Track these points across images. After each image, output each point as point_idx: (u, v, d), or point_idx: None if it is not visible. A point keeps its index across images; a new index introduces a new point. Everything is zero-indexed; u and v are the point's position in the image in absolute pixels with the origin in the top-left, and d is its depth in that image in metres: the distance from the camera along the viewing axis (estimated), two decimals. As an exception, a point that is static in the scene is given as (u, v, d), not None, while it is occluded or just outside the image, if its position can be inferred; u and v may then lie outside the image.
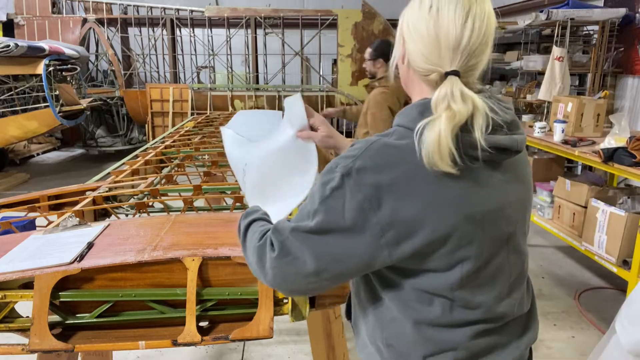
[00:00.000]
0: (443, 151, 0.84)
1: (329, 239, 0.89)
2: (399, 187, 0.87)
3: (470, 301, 0.95)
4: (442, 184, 0.88)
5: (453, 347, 0.96)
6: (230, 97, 7.75)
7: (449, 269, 0.92)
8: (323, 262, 0.90)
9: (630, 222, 2.91)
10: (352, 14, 7.50)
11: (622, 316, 2.04)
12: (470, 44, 0.90)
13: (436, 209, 0.88)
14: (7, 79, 5.82)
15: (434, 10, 0.91)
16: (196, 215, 1.64)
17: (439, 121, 0.85)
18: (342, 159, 0.91)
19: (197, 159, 2.83)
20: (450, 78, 0.90)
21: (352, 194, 0.87)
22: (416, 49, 0.93)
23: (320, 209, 0.89)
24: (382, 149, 0.89)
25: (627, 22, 4.86)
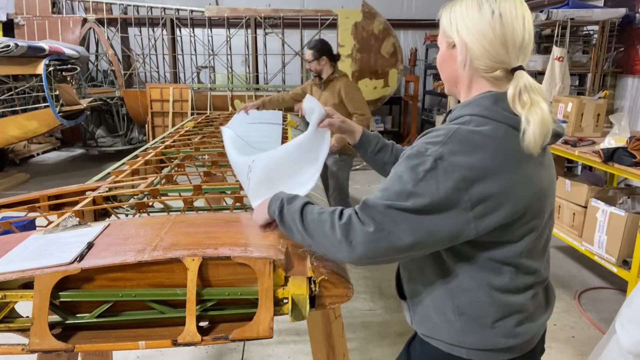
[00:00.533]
0: (548, 131, 1.00)
1: (425, 216, 0.98)
2: (487, 168, 0.99)
3: (530, 267, 1.11)
4: (521, 165, 1.03)
5: (518, 309, 1.11)
6: (230, 97, 7.75)
7: (520, 239, 1.07)
8: (418, 237, 0.99)
9: (630, 222, 2.91)
10: (352, 14, 7.50)
11: (622, 316, 2.04)
12: (528, 42, 1.07)
13: (517, 186, 1.01)
14: (7, 79, 5.82)
15: (497, 15, 1.04)
16: (196, 215, 1.64)
17: (538, 107, 1.00)
18: (429, 144, 1.02)
19: (197, 159, 2.83)
20: (520, 72, 1.05)
21: (446, 175, 0.98)
22: (482, 50, 1.05)
23: (415, 190, 0.99)
24: (468, 135, 1.01)
25: (627, 22, 4.87)
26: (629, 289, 2.89)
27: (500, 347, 1.12)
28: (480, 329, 1.11)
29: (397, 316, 3.26)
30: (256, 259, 1.21)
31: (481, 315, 1.11)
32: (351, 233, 1.01)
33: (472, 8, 1.06)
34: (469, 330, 1.11)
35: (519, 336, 1.12)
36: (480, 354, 1.12)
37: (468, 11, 1.07)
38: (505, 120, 1.03)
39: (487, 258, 1.08)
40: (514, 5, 1.05)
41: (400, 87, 9.43)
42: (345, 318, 1.98)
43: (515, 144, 1.02)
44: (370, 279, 3.85)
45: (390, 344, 2.91)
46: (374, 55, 7.59)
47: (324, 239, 1.06)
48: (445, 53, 1.14)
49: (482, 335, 1.11)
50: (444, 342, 1.15)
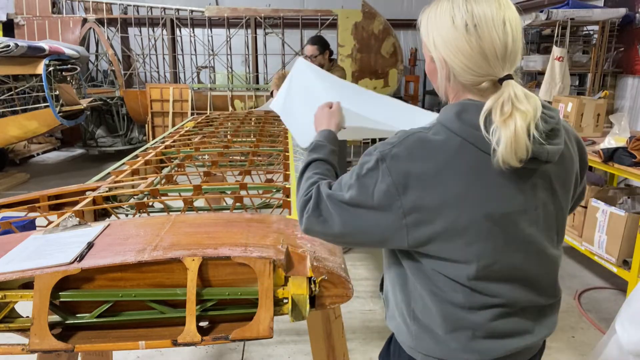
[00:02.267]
0: (520, 147, 0.90)
1: (356, 211, 1.00)
2: (427, 178, 0.96)
3: (488, 290, 1.03)
4: (469, 181, 0.96)
5: (472, 327, 1.05)
6: (230, 97, 7.75)
7: (466, 262, 1.00)
8: (347, 229, 1.02)
9: (630, 222, 2.91)
10: (352, 14, 7.50)
11: (622, 316, 2.04)
12: (514, 48, 0.98)
13: (459, 203, 0.96)
14: (7, 79, 5.82)
15: (471, 28, 0.96)
16: (196, 215, 1.64)
17: (513, 120, 0.91)
18: (382, 144, 1.02)
19: (197, 159, 2.83)
20: (507, 83, 0.96)
21: (383, 177, 0.98)
22: (462, 65, 0.99)
23: (354, 184, 1.01)
24: (418, 142, 0.99)
25: (627, 22, 4.86)
26: (629, 289, 2.89)
27: (453, 358, 1.07)
28: (432, 337, 1.07)
29: (397, 316, 3.26)
30: (256, 259, 1.21)
31: (432, 325, 1.07)
32: (302, 209, 1.08)
33: (446, 21, 0.99)
34: (422, 337, 1.09)
35: (477, 352, 1.05)
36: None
37: (442, 24, 1.00)
38: (461, 134, 0.97)
39: (435, 271, 1.03)
40: (491, 11, 0.96)
41: (400, 87, 9.43)
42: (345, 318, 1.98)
43: (468, 159, 0.96)
44: (370, 279, 3.85)
45: (390, 344, 2.91)
46: (374, 55, 7.59)
47: (297, 200, 1.13)
48: (430, 65, 1.09)
49: (434, 344, 1.07)
50: (404, 343, 1.14)
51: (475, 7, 0.97)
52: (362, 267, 4.06)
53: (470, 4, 0.98)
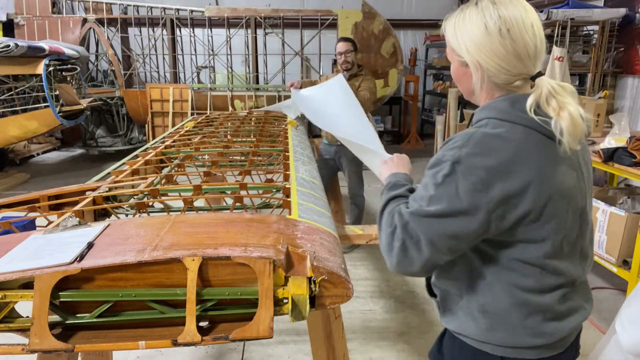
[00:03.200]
0: (579, 131, 1.03)
1: (446, 221, 1.02)
2: (505, 167, 1.01)
3: (557, 268, 1.11)
4: (540, 163, 1.04)
5: (544, 309, 1.12)
6: (230, 97, 7.75)
7: (543, 240, 1.07)
8: (439, 243, 1.03)
9: (630, 222, 2.91)
10: (352, 14, 7.50)
11: (622, 316, 2.04)
12: (541, 48, 1.09)
13: (536, 184, 1.03)
14: (7, 79, 5.82)
15: (504, 32, 1.05)
16: (196, 215, 1.64)
17: (565, 111, 1.03)
18: (446, 150, 1.06)
19: (197, 159, 2.83)
20: (541, 80, 1.07)
21: (464, 178, 1.01)
22: (497, 67, 1.08)
23: (436, 195, 1.02)
24: (485, 137, 1.04)
25: (627, 22, 4.87)
26: (629, 289, 2.89)
27: (526, 345, 1.14)
28: (504, 327, 1.13)
29: (397, 316, 3.26)
30: (256, 259, 1.21)
31: (505, 314, 1.13)
32: (391, 241, 1.06)
33: (478, 27, 1.07)
34: (493, 328, 1.14)
35: (545, 336, 1.13)
36: (506, 350, 1.15)
37: (475, 31, 1.08)
38: (521, 122, 1.06)
39: (512, 258, 1.09)
40: (520, 15, 1.06)
41: (400, 87, 9.44)
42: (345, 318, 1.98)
43: (532, 144, 1.04)
44: (370, 279, 3.85)
45: (390, 344, 2.91)
46: (374, 55, 7.59)
47: (380, 239, 1.12)
48: (459, 69, 1.17)
49: (506, 333, 1.13)
50: (472, 338, 1.18)
51: (505, 12, 1.06)
52: (362, 267, 4.06)
53: (500, 10, 1.07)
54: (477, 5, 1.11)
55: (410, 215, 1.04)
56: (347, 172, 4.32)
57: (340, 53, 4.10)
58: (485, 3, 1.10)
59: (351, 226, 2.14)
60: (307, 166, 2.47)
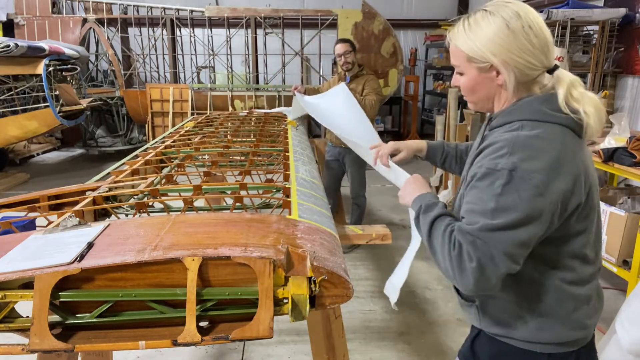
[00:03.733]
0: (603, 117, 1.08)
1: (516, 231, 1.01)
2: (556, 167, 1.03)
3: (591, 256, 1.16)
4: (577, 156, 1.08)
5: (585, 301, 1.17)
6: (230, 97, 7.75)
7: (585, 230, 1.12)
8: (514, 252, 1.02)
9: (630, 222, 2.91)
10: (352, 14, 7.50)
11: (622, 316, 2.04)
12: (552, 40, 1.12)
13: (580, 178, 1.07)
14: (7, 79, 5.82)
15: (527, 28, 1.08)
16: (196, 215, 1.64)
17: (591, 107, 1.07)
18: (495, 159, 1.05)
19: (197, 159, 2.83)
20: (561, 71, 1.11)
21: (524, 184, 1.01)
22: (526, 64, 1.09)
23: (499, 206, 1.01)
24: (528, 140, 1.05)
25: (627, 22, 4.86)
26: (629, 289, 2.88)
27: (571, 339, 1.17)
28: (553, 325, 1.16)
29: (397, 316, 3.26)
30: (256, 259, 1.21)
31: (554, 312, 1.15)
32: (459, 263, 1.04)
33: (500, 28, 1.08)
34: (542, 328, 1.16)
35: (587, 328, 1.19)
36: (553, 347, 1.17)
37: (497, 32, 1.09)
38: (554, 120, 1.08)
39: (558, 254, 1.12)
40: (533, 11, 1.10)
41: (400, 87, 9.43)
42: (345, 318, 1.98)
43: (568, 139, 1.08)
44: (370, 279, 3.85)
45: (390, 344, 2.91)
46: (374, 55, 7.59)
47: (442, 262, 1.09)
48: (479, 77, 1.15)
49: (556, 331, 1.16)
50: (519, 339, 1.19)
51: (517, 9, 1.09)
52: (362, 267, 4.06)
53: (512, 8, 1.09)
54: (487, 10, 1.12)
55: (478, 232, 1.02)
56: (349, 172, 4.35)
57: (340, 55, 4.12)
58: (495, 6, 1.11)
59: (351, 226, 2.14)
60: (307, 166, 2.47)
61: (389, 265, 4.02)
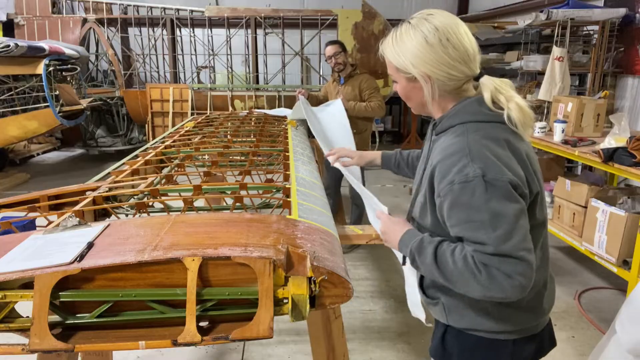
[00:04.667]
0: (530, 115, 1.16)
1: (517, 230, 1.05)
2: (509, 160, 1.11)
3: (545, 243, 1.27)
4: (520, 147, 1.16)
5: (542, 286, 1.27)
6: (230, 97, 7.75)
7: (544, 219, 1.21)
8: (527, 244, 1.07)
9: (630, 222, 2.91)
10: (352, 14, 7.50)
11: (622, 316, 2.04)
12: (476, 48, 1.18)
13: (525, 163, 1.15)
14: (7, 79, 5.82)
15: (444, 41, 1.14)
16: (196, 215, 1.64)
17: (513, 101, 1.15)
18: (462, 169, 1.08)
19: (197, 159, 2.83)
20: (485, 78, 1.18)
21: (498, 183, 1.06)
22: (446, 75, 1.16)
23: (493, 214, 1.04)
24: (480, 141, 1.12)
25: (627, 22, 4.86)
26: (629, 289, 2.88)
27: (533, 324, 1.27)
28: (514, 313, 1.24)
29: (397, 316, 3.26)
30: (256, 259, 1.21)
31: (517, 302, 1.17)
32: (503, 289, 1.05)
33: (419, 42, 1.15)
34: (505, 317, 1.24)
35: (545, 312, 1.29)
36: (517, 334, 1.26)
37: (416, 45, 1.16)
38: (493, 119, 1.16)
39: None
40: (449, 22, 1.16)
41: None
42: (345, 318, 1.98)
43: (508, 133, 1.16)
44: (370, 279, 3.85)
45: (390, 344, 2.91)
46: (374, 55, 7.58)
47: (474, 291, 1.10)
48: (408, 86, 1.23)
49: (517, 319, 1.24)
50: (484, 331, 1.26)
51: (439, 23, 1.15)
52: (362, 267, 4.06)
53: (434, 22, 1.16)
54: (410, 23, 1.19)
55: (494, 254, 1.04)
56: None
57: (330, 57, 4.12)
58: (417, 20, 1.19)
59: (351, 226, 2.14)
60: (307, 166, 2.47)
61: (389, 265, 4.02)
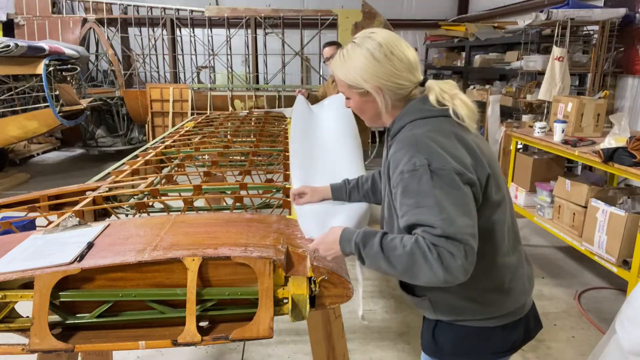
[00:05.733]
0: (473, 110, 1.26)
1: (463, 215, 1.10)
2: (453, 150, 1.18)
3: (510, 223, 1.32)
4: (466, 137, 1.24)
5: (517, 265, 1.32)
6: (230, 97, 7.75)
7: (503, 199, 1.27)
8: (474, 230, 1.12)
9: (630, 222, 2.91)
10: (352, 14, 7.50)
11: (622, 316, 2.04)
12: (417, 58, 1.32)
13: (474, 151, 1.22)
14: (7, 79, 5.82)
15: (389, 54, 1.25)
16: (196, 215, 1.64)
17: (458, 98, 1.26)
18: (407, 165, 1.16)
19: (197, 159, 2.83)
20: (430, 82, 1.29)
21: (443, 171, 1.12)
22: (395, 85, 1.27)
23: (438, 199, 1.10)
24: (425, 133, 1.20)
25: (627, 22, 4.86)
26: (629, 289, 2.88)
27: (517, 306, 1.31)
28: (502, 297, 1.29)
29: (397, 316, 3.26)
30: (256, 259, 1.21)
31: (496, 286, 1.27)
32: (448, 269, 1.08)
33: (367, 58, 1.25)
34: (490, 303, 1.28)
35: (527, 292, 1.35)
36: (504, 318, 1.30)
37: (365, 62, 1.25)
38: (437, 114, 1.25)
39: (487, 230, 1.22)
40: (394, 37, 1.28)
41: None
42: (345, 318, 1.98)
43: (453, 125, 1.24)
44: (370, 279, 3.85)
45: (390, 344, 2.91)
46: (374, 55, 7.58)
47: (420, 272, 1.11)
48: (361, 100, 1.31)
49: (502, 303, 1.29)
50: (473, 319, 1.29)
51: (381, 39, 1.26)
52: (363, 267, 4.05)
53: (374, 39, 1.26)
54: (355, 43, 1.29)
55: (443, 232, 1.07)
56: None
57: (328, 58, 4.14)
58: (361, 39, 1.29)
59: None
60: (307, 166, 2.47)
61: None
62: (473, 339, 1.32)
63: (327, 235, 1.29)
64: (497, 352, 1.33)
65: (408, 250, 1.10)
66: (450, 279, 1.08)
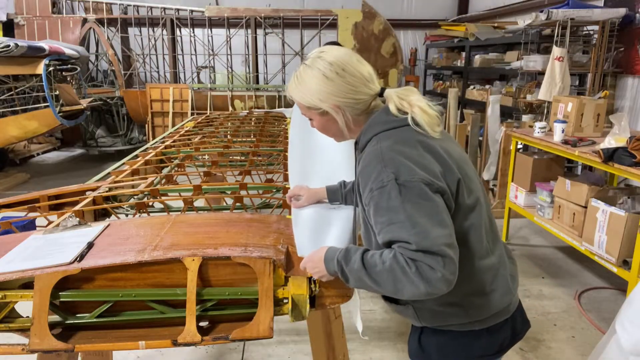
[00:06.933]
0: (433, 116, 1.25)
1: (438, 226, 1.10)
2: (421, 159, 1.17)
3: (487, 224, 1.31)
4: (432, 144, 1.22)
5: (497, 266, 1.31)
6: (230, 97, 7.75)
7: (477, 201, 1.25)
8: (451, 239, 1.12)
9: (630, 222, 2.91)
10: (352, 14, 7.50)
11: (622, 316, 2.04)
12: (372, 71, 1.31)
13: (442, 157, 1.21)
14: (7, 79, 5.82)
15: (341, 72, 1.25)
16: (196, 215, 1.64)
17: (417, 107, 1.24)
18: (378, 177, 1.15)
19: (197, 159, 2.83)
20: (388, 92, 1.29)
21: (412, 184, 1.12)
22: (353, 101, 1.27)
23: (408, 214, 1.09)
24: (392, 147, 1.19)
25: (627, 22, 4.86)
26: (629, 289, 2.88)
27: (502, 307, 1.30)
28: (485, 299, 1.27)
29: (396, 316, 3.26)
30: (256, 259, 1.21)
31: (479, 288, 1.26)
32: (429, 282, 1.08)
33: (319, 79, 1.25)
34: (474, 306, 1.27)
35: (512, 291, 1.33)
36: (489, 320, 1.29)
37: (318, 82, 1.25)
38: (399, 124, 1.24)
39: (464, 233, 1.22)
40: (344, 54, 1.27)
41: (401, 86, 9.43)
42: (345, 318, 1.99)
43: (416, 134, 1.23)
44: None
45: (390, 344, 2.91)
46: (374, 55, 7.59)
47: (403, 287, 1.11)
48: (322, 119, 1.31)
49: (486, 305, 1.27)
50: (458, 324, 1.28)
51: (331, 58, 1.26)
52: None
53: (324, 59, 1.26)
54: (307, 64, 1.29)
55: (418, 246, 1.07)
56: None
57: None
58: (312, 60, 1.28)
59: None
60: (307, 166, 2.47)
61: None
62: (459, 344, 1.31)
63: (314, 253, 1.28)
64: (484, 355, 1.32)
65: (387, 266, 1.10)
66: (433, 291, 1.08)
